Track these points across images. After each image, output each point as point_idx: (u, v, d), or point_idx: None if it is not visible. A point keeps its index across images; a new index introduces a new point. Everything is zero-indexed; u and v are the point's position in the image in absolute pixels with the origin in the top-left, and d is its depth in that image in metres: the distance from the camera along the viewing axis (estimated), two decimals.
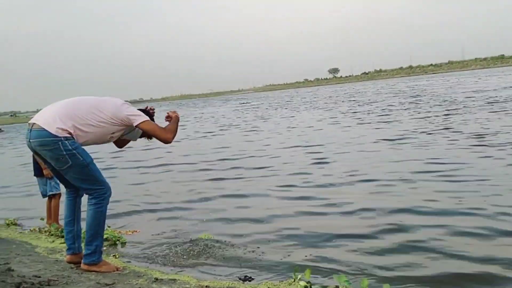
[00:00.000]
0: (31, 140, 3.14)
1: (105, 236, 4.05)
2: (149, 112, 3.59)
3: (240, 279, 3.33)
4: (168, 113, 3.69)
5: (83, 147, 3.25)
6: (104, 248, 3.89)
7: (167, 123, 3.60)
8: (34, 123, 3.12)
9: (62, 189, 3.76)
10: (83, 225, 3.34)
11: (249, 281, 3.29)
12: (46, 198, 5.13)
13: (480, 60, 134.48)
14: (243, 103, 47.00)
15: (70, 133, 3.10)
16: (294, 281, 3.00)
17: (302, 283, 2.89)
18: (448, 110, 14.27)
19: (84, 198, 3.39)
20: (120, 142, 3.75)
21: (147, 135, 3.58)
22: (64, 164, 3.11)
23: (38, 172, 5.01)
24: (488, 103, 15.08)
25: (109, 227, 4.82)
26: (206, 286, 3.03)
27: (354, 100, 27.40)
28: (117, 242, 4.45)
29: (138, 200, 6.42)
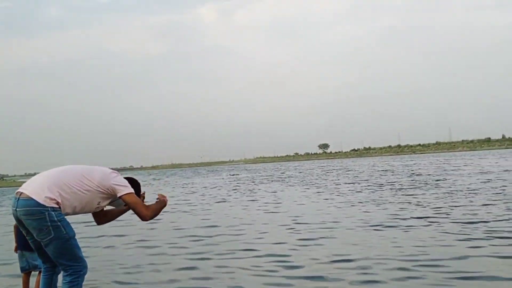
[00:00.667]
0: (17, 209, 3.13)
1: None
2: (135, 183, 3.64)
3: None
4: (158, 195, 3.76)
5: (71, 216, 3.31)
6: None
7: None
8: (22, 192, 3.14)
9: None
10: None
11: None
12: (22, 274, 4.77)
13: (467, 142, 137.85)
14: (233, 175, 46.79)
15: (57, 203, 3.12)
16: None
17: None
18: (438, 193, 14.09)
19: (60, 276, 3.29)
20: (100, 218, 3.68)
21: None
22: (46, 236, 3.10)
23: (27, 246, 4.65)
24: (480, 187, 14.95)
25: None
26: None
27: (344, 177, 27.31)
28: None
29: (113, 279, 5.89)
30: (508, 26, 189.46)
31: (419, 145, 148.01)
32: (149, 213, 3.47)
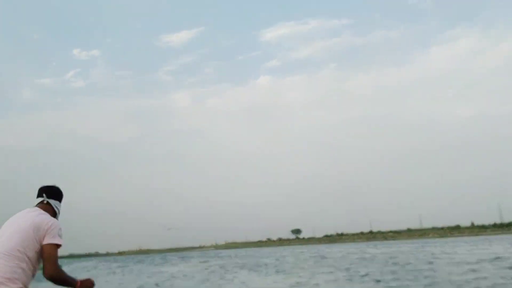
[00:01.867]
0: None
1: None
2: (59, 192, 3.45)
3: None
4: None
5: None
6: None
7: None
8: None
9: None
10: None
11: None
12: None
13: (437, 229, 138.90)
14: (204, 262, 44.57)
15: None
16: None
17: None
18: (418, 285, 13.36)
19: None
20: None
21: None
22: None
23: None
24: (463, 279, 14.34)
25: None
26: None
27: (320, 266, 26.19)
28: None
29: None
30: (470, 118, 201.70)
31: (391, 231, 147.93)
32: (59, 272, 3.00)
